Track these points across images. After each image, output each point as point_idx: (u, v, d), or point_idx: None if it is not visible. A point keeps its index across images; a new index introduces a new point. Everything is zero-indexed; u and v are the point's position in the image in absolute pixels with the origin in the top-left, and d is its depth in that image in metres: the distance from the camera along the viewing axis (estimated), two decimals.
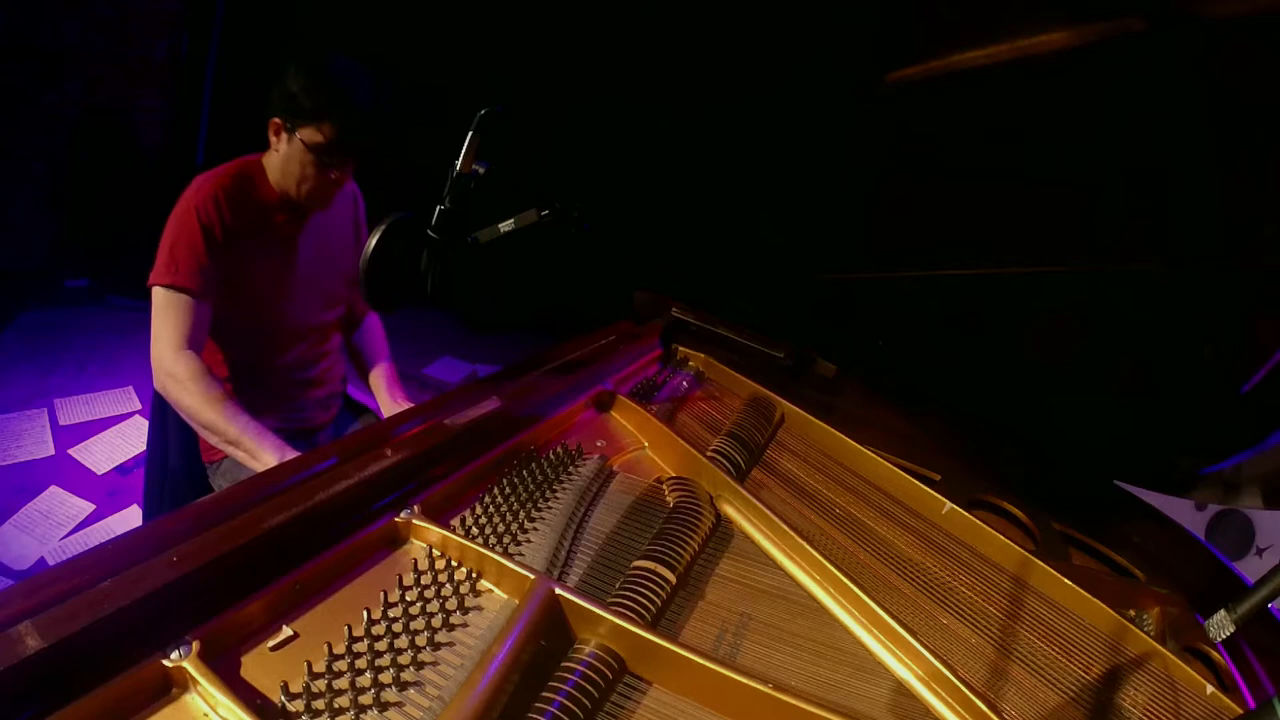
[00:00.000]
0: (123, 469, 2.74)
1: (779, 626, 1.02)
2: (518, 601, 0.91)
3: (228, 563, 0.84)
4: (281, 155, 1.59)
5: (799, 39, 2.52)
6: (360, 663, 0.82)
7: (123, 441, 2.86)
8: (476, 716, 0.75)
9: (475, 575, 0.97)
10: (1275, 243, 1.63)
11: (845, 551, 1.22)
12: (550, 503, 1.13)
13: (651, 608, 0.96)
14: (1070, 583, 1.20)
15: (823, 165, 2.54)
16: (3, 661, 0.67)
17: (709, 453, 1.31)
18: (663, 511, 1.16)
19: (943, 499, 1.34)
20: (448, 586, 0.94)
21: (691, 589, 1.05)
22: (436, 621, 0.89)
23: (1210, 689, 1.09)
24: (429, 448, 1.12)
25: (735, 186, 3.02)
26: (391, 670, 0.82)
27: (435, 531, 0.99)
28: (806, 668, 0.96)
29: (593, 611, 0.89)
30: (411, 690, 0.81)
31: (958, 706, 0.93)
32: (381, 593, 0.89)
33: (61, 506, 2.53)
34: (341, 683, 0.79)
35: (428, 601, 0.92)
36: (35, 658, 0.68)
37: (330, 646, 0.83)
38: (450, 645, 0.87)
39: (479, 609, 0.93)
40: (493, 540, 1.04)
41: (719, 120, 2.96)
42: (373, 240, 1.14)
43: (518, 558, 0.99)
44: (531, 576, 0.92)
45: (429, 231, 1.19)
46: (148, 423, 1.88)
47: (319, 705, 0.77)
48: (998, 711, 0.91)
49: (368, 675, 0.81)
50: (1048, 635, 1.14)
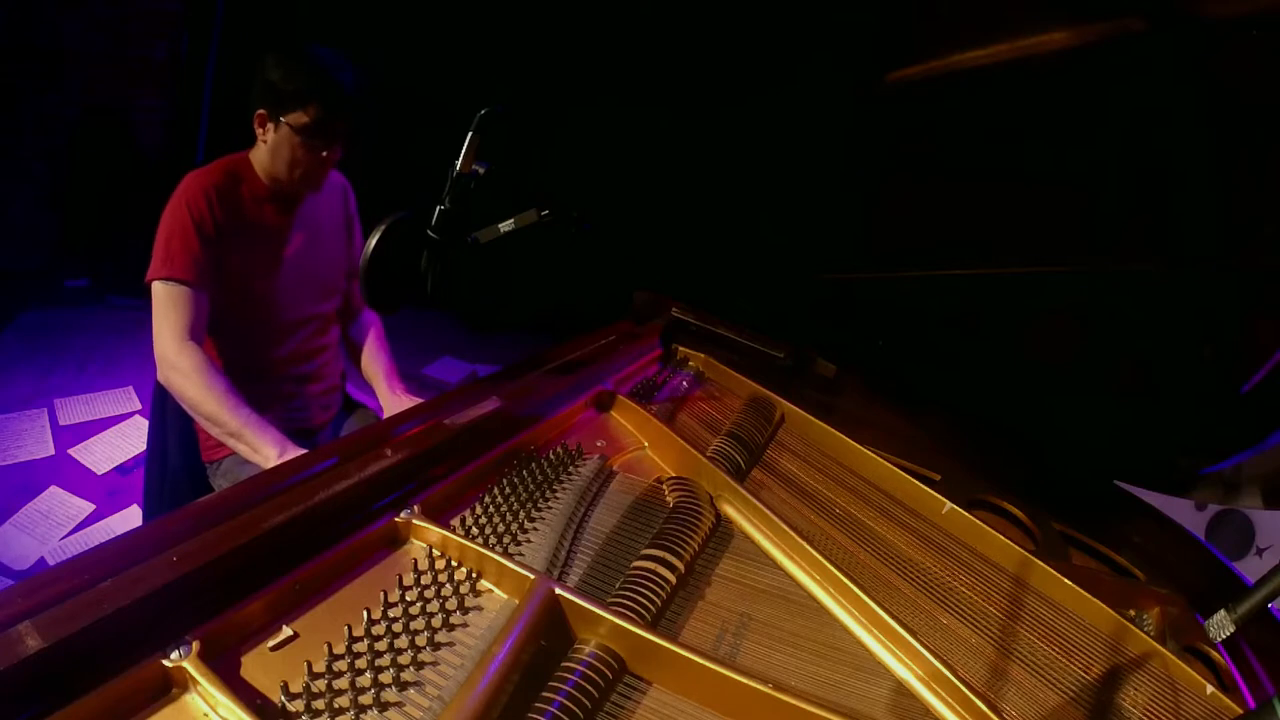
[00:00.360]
0: (123, 469, 2.74)
1: (779, 626, 1.02)
2: (518, 601, 0.91)
3: (228, 563, 0.84)
4: (270, 145, 1.61)
5: (799, 39, 2.52)
6: (360, 663, 0.82)
7: (123, 441, 2.86)
8: (476, 716, 0.75)
9: (475, 575, 0.97)
10: (1275, 243, 1.63)
11: (845, 551, 1.22)
12: (550, 503, 1.13)
13: (652, 608, 0.96)
14: (1070, 583, 1.20)
15: (823, 165, 2.54)
16: (3, 661, 0.67)
17: (709, 453, 1.31)
18: (663, 511, 1.16)
19: (943, 499, 1.34)
20: (448, 586, 0.94)
21: (691, 589, 1.05)
22: (436, 621, 0.89)
23: (1210, 689, 1.09)
24: (429, 448, 1.12)
25: (735, 186, 3.02)
26: (391, 670, 0.82)
27: (435, 531, 0.99)
28: (806, 668, 0.96)
29: (593, 611, 0.89)
30: (411, 690, 0.81)
31: (958, 706, 0.93)
32: (381, 593, 0.89)
33: (61, 506, 2.53)
34: (341, 683, 0.79)
35: (428, 601, 0.91)
36: (35, 658, 0.68)
37: (330, 646, 0.83)
38: (450, 645, 0.87)
39: (479, 609, 0.93)
40: (493, 540, 1.04)
41: (719, 120, 2.96)
42: (373, 241, 1.14)
43: (518, 558, 0.99)
44: (531, 576, 0.92)
45: (429, 231, 1.19)
46: (148, 423, 1.88)
47: (319, 705, 0.77)
48: (998, 711, 0.91)
49: (368, 675, 0.81)
50: (1048, 635, 1.14)
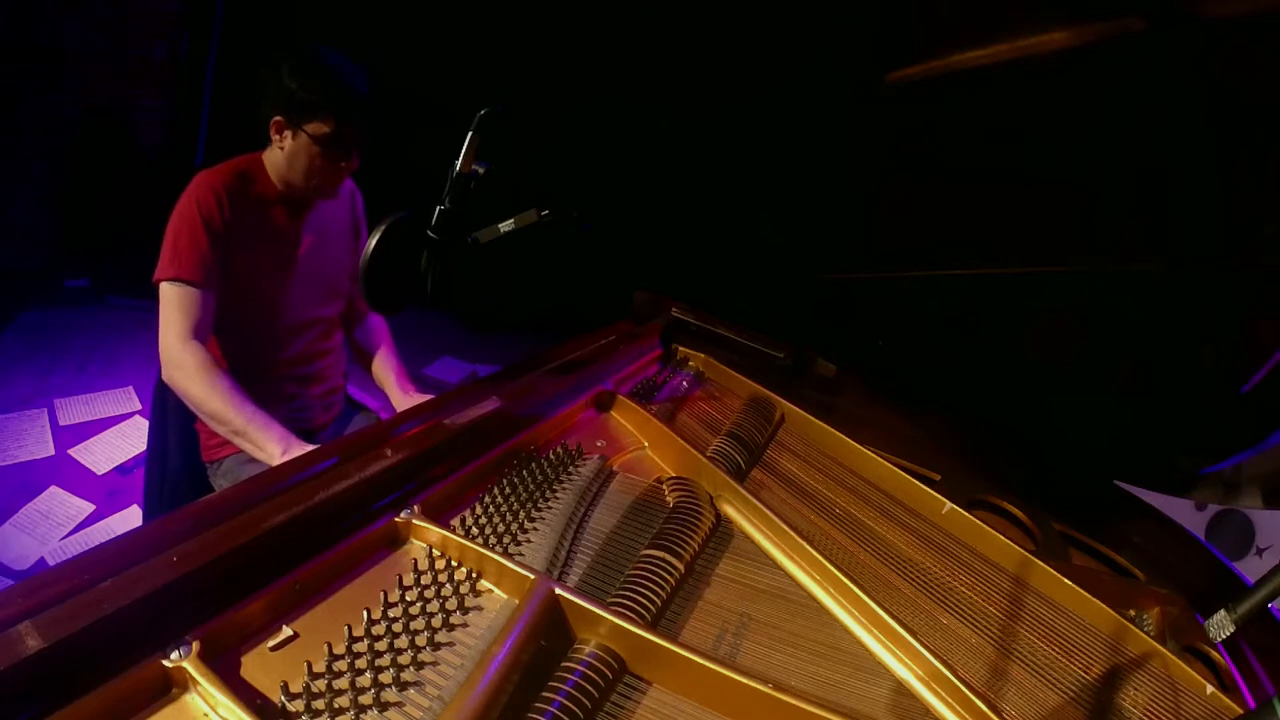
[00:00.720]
0: (123, 469, 2.74)
1: (779, 626, 1.02)
2: (518, 601, 0.91)
3: (228, 563, 0.84)
4: (287, 152, 1.61)
5: (799, 39, 2.52)
6: (360, 663, 0.82)
7: (123, 441, 2.86)
8: (476, 716, 0.75)
9: (475, 575, 0.97)
10: (1275, 243, 1.63)
11: (845, 551, 1.22)
12: (550, 503, 1.13)
13: (652, 608, 0.96)
14: (1070, 583, 1.20)
15: (823, 165, 2.54)
16: (3, 661, 0.67)
17: (709, 453, 1.31)
18: (663, 511, 1.16)
19: (943, 499, 1.34)
20: (448, 586, 0.94)
21: (691, 589, 1.05)
22: (436, 621, 0.89)
23: (1210, 689, 1.09)
24: (429, 448, 1.12)
25: (735, 186, 3.02)
26: (391, 670, 0.82)
27: (435, 531, 0.99)
28: (806, 668, 0.96)
29: (593, 611, 0.89)
30: (411, 690, 0.81)
31: (958, 706, 0.93)
32: (381, 593, 0.89)
33: (61, 506, 2.53)
34: (341, 683, 0.79)
35: (428, 601, 0.91)
36: (35, 658, 0.68)
37: (330, 646, 0.83)
38: (450, 645, 0.87)
39: (479, 609, 0.93)
40: (493, 540, 1.04)
41: (719, 120, 2.96)
42: (372, 241, 1.14)
43: (518, 558, 0.99)
44: (531, 576, 0.92)
45: (429, 232, 1.19)
46: (148, 423, 1.88)
47: (319, 705, 0.77)
48: (998, 711, 0.91)
49: (368, 675, 0.81)
50: (1048, 635, 1.14)
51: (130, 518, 2.53)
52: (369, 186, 1.94)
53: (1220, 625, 0.69)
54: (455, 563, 0.97)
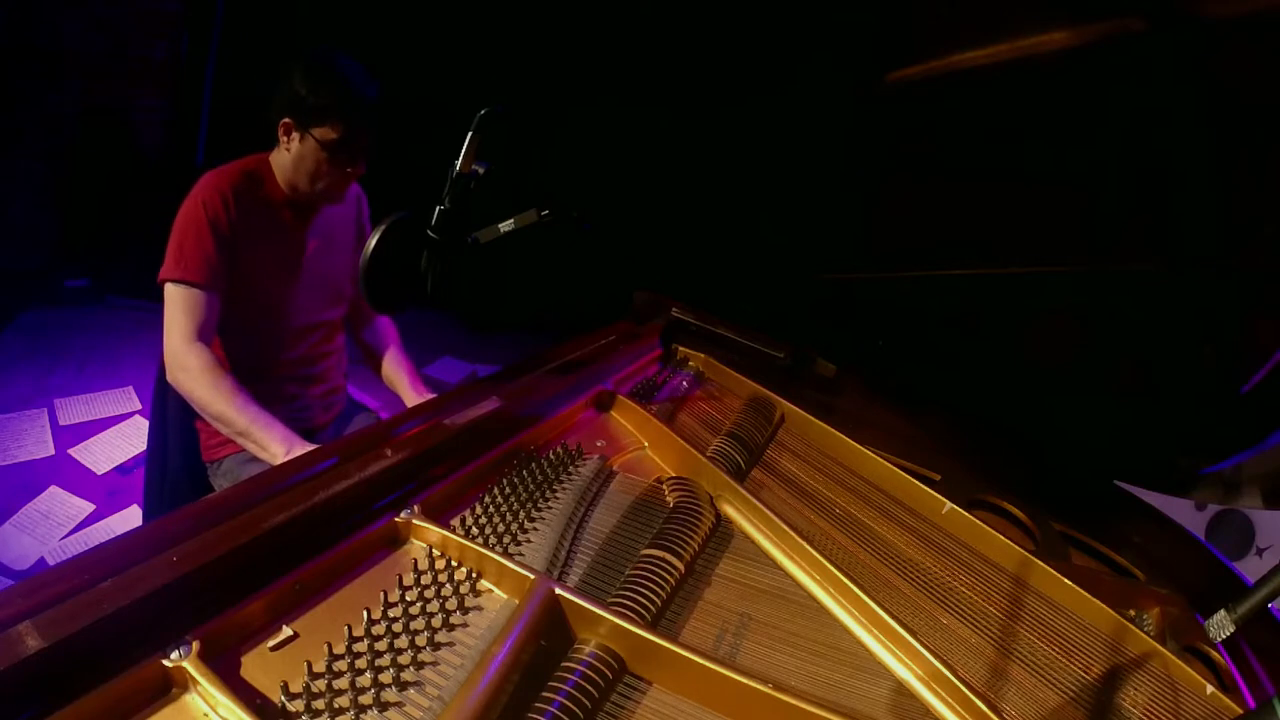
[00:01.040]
0: (123, 469, 2.74)
1: (779, 626, 1.02)
2: (518, 601, 0.91)
3: (228, 563, 0.84)
4: (294, 155, 1.61)
5: (799, 39, 2.52)
6: (360, 663, 0.82)
7: (123, 441, 2.86)
8: (476, 716, 0.75)
9: (475, 575, 0.97)
10: (1275, 243, 1.63)
11: (845, 551, 1.21)
12: (550, 503, 1.13)
13: (652, 608, 0.96)
14: (1070, 583, 1.20)
15: (823, 165, 2.54)
16: (3, 661, 0.67)
17: (709, 453, 1.31)
18: (663, 511, 1.16)
19: (943, 499, 1.34)
20: (448, 586, 0.94)
21: (691, 589, 1.05)
22: (436, 621, 0.89)
23: (1210, 689, 1.09)
24: (429, 448, 1.12)
25: (735, 186, 3.02)
26: (391, 670, 0.82)
27: (435, 531, 0.99)
28: (806, 668, 0.96)
29: (593, 611, 0.89)
30: (411, 690, 0.81)
31: (958, 706, 0.93)
32: (381, 593, 0.89)
33: (61, 506, 2.53)
34: (341, 683, 0.79)
35: (428, 601, 0.91)
36: (35, 658, 0.68)
37: (330, 646, 0.83)
38: (450, 645, 0.87)
39: (479, 609, 0.93)
40: (493, 540, 1.04)
41: (719, 120, 2.96)
42: (372, 241, 1.14)
43: (518, 558, 0.99)
44: (531, 576, 0.92)
45: (429, 232, 1.19)
46: (148, 423, 1.88)
47: (319, 705, 0.77)
48: (998, 711, 0.91)
49: (368, 675, 0.81)
50: (1048, 635, 1.13)
51: (130, 518, 2.53)
52: (369, 187, 1.94)
53: (1220, 625, 0.69)
54: (455, 563, 0.97)
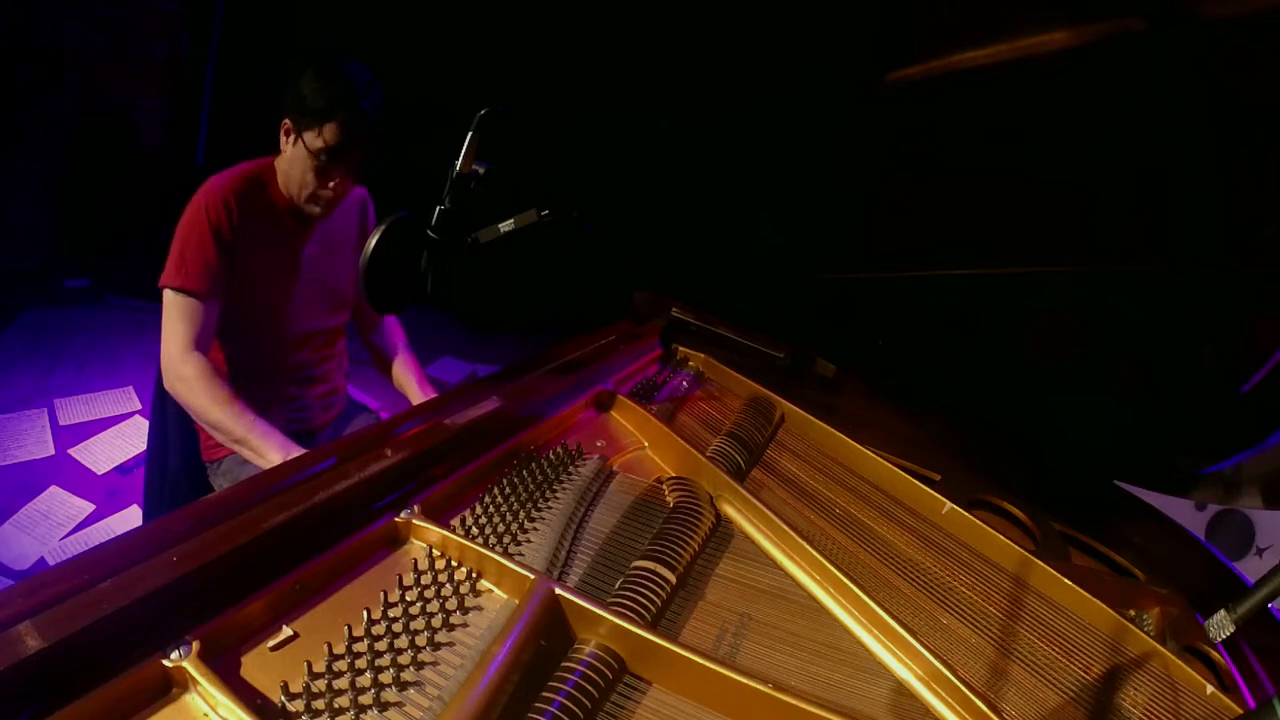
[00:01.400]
0: (123, 469, 2.74)
1: (779, 626, 1.02)
2: (518, 601, 0.91)
3: (228, 563, 0.84)
4: (287, 158, 1.60)
5: (799, 39, 2.52)
6: (360, 663, 0.82)
7: (123, 441, 2.86)
8: (476, 716, 0.75)
9: (475, 575, 0.97)
10: (1275, 243, 1.63)
11: (845, 551, 1.21)
12: (550, 503, 1.13)
13: (651, 608, 0.96)
14: (1070, 583, 1.20)
15: (823, 165, 2.54)
16: (3, 661, 0.67)
17: (709, 453, 1.31)
18: (663, 511, 1.16)
19: (943, 499, 1.34)
20: (448, 586, 0.94)
21: (691, 589, 1.05)
22: (436, 621, 0.89)
23: (1210, 689, 1.09)
24: (429, 448, 1.11)
25: (735, 186, 3.02)
26: (391, 670, 0.82)
27: (435, 531, 0.99)
28: (806, 668, 0.96)
29: (593, 611, 0.89)
30: (411, 690, 0.81)
31: (958, 706, 0.93)
32: (381, 593, 0.89)
33: (61, 506, 2.53)
34: (341, 683, 0.79)
35: (428, 601, 0.91)
36: (35, 658, 0.68)
37: (330, 646, 0.83)
38: (450, 645, 0.87)
39: (479, 609, 0.93)
40: (493, 540, 1.04)
41: (719, 120, 2.96)
42: (372, 241, 1.14)
43: (518, 558, 0.99)
44: (531, 576, 0.92)
45: (429, 231, 1.19)
46: (148, 423, 1.88)
47: (319, 705, 0.77)
48: (998, 711, 0.91)
49: (368, 675, 0.81)
50: (1048, 635, 1.13)
51: (130, 518, 2.53)
52: (370, 187, 1.93)
53: (1220, 625, 0.69)
54: (455, 563, 0.97)
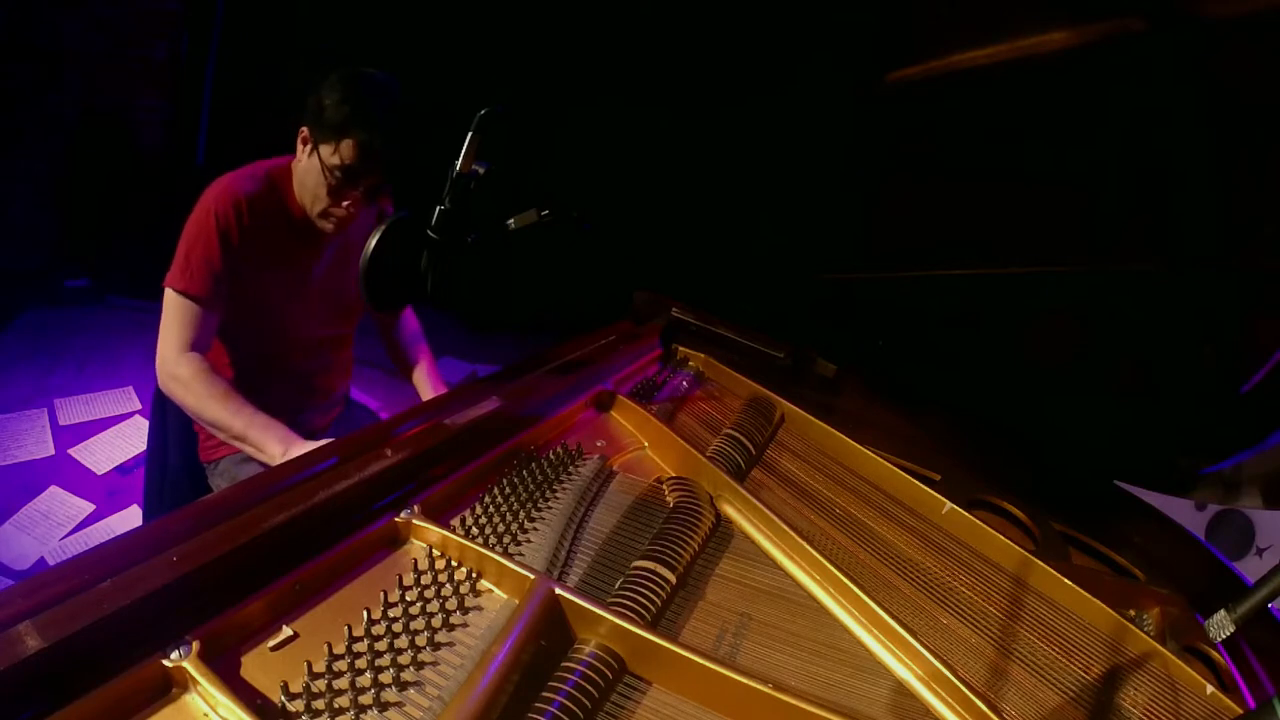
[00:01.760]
0: (123, 469, 2.74)
1: (779, 626, 1.02)
2: (518, 601, 0.91)
3: (228, 563, 0.84)
4: (302, 166, 1.55)
5: (799, 39, 2.52)
6: (360, 663, 0.82)
7: (123, 441, 2.86)
8: (476, 716, 0.75)
9: (475, 575, 0.96)
10: (1275, 243, 1.63)
11: (845, 551, 1.21)
12: (550, 503, 1.13)
13: (651, 608, 0.96)
14: (1070, 583, 1.20)
15: (823, 165, 2.54)
16: (3, 661, 0.67)
17: (709, 453, 1.31)
18: (663, 511, 1.16)
19: (943, 499, 1.34)
20: (448, 586, 0.94)
21: (691, 589, 1.05)
22: (436, 621, 0.89)
23: (1210, 689, 1.09)
24: (429, 448, 1.11)
25: (735, 186, 3.02)
26: (391, 670, 0.82)
27: (435, 531, 0.99)
28: (806, 668, 0.96)
29: (593, 611, 0.89)
30: (411, 690, 0.81)
31: (958, 706, 0.93)
32: (381, 593, 0.89)
33: (61, 506, 2.53)
34: (341, 683, 0.79)
35: (428, 601, 0.91)
36: (35, 658, 0.68)
37: (330, 646, 0.83)
38: (450, 645, 0.87)
39: (479, 609, 0.93)
40: (493, 540, 1.04)
41: (719, 120, 2.96)
42: (372, 241, 1.14)
43: (518, 558, 0.99)
44: (531, 576, 0.92)
45: (429, 232, 1.19)
46: (148, 423, 1.88)
47: (319, 705, 0.77)
48: (998, 711, 0.91)
49: (368, 675, 0.81)
50: (1048, 635, 1.14)
51: (130, 518, 2.53)
52: None
53: (1220, 625, 0.69)
54: (455, 563, 0.97)
